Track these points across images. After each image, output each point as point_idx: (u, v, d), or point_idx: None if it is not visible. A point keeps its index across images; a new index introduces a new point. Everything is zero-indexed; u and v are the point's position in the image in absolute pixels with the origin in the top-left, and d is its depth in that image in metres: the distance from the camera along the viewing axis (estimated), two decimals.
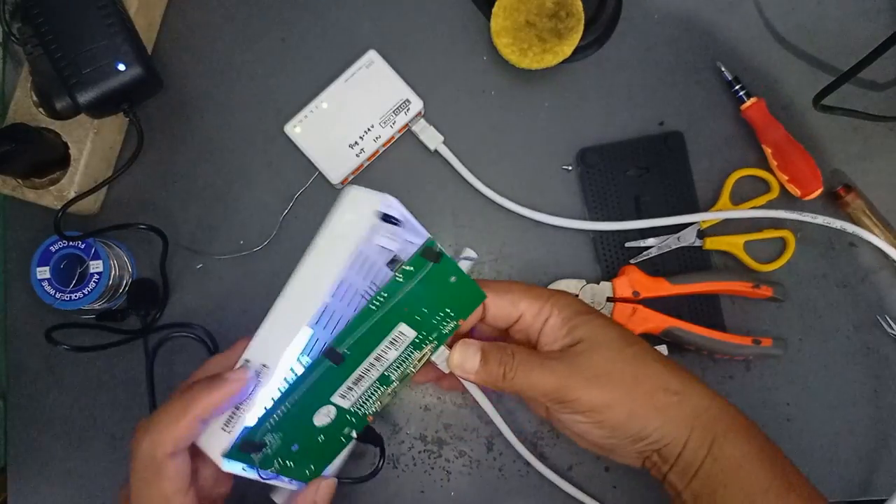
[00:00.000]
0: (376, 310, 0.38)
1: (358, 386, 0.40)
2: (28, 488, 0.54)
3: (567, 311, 0.42)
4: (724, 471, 0.39)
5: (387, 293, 0.38)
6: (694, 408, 0.40)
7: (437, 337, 0.41)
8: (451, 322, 0.41)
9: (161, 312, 0.54)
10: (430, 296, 0.40)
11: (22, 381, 0.55)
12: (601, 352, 0.40)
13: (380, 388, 0.41)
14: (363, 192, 0.40)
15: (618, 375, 0.40)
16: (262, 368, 0.38)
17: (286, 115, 0.54)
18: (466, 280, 0.41)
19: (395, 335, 0.40)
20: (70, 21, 0.46)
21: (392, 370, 0.41)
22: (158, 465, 0.37)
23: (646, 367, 0.41)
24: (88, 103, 0.47)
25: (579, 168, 0.54)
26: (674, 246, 0.52)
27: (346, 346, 0.38)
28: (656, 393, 0.40)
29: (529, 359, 0.40)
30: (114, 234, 0.54)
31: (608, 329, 0.41)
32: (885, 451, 0.52)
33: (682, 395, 0.40)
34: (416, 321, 0.40)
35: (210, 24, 0.57)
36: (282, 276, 0.53)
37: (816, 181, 0.51)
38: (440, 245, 0.40)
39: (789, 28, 0.55)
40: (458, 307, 0.41)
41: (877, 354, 0.53)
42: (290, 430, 0.38)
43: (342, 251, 0.39)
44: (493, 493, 0.52)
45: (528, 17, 0.51)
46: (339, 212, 0.40)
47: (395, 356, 0.40)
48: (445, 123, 0.54)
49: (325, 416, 0.40)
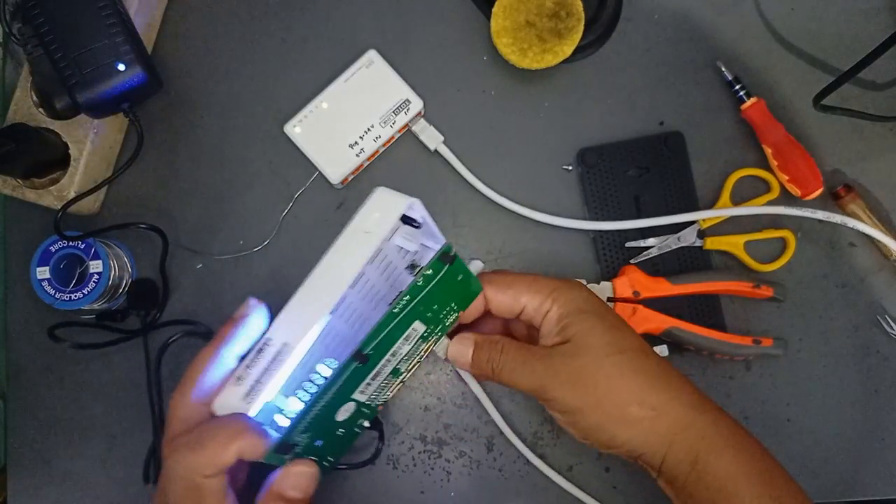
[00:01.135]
0: (399, 312, 0.40)
1: (375, 381, 0.42)
2: (28, 488, 0.54)
3: (566, 307, 0.42)
4: (710, 489, 0.39)
5: (409, 296, 0.40)
6: (671, 426, 0.40)
7: (441, 329, 0.44)
8: (453, 314, 0.44)
9: (161, 312, 0.54)
10: (441, 294, 0.42)
11: (22, 381, 0.55)
12: (582, 356, 0.41)
13: (392, 381, 0.44)
14: (391, 194, 0.42)
15: (591, 383, 0.40)
16: (284, 347, 0.40)
17: (286, 115, 0.54)
18: (470, 276, 0.43)
19: (409, 332, 0.42)
20: (70, 21, 0.46)
21: (403, 363, 0.43)
22: (199, 484, 0.38)
23: (621, 379, 0.40)
24: (88, 103, 0.47)
25: (579, 168, 0.54)
26: (674, 246, 0.52)
27: (370, 348, 0.40)
28: (629, 406, 0.40)
29: (516, 356, 0.42)
30: (114, 234, 0.54)
31: (597, 334, 0.41)
32: (885, 450, 0.52)
33: (659, 411, 0.40)
34: (427, 318, 0.42)
35: (210, 24, 0.57)
36: (282, 276, 0.54)
37: (816, 181, 0.51)
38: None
39: (789, 28, 0.55)
40: (461, 300, 0.44)
41: (877, 354, 0.53)
42: (317, 428, 0.41)
43: (366, 246, 0.40)
44: (493, 494, 0.52)
45: (528, 17, 0.52)
46: (367, 209, 0.42)
47: (407, 350, 0.43)
48: (445, 123, 0.54)
49: (345, 412, 0.42)
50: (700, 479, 0.39)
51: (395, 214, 0.41)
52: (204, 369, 0.40)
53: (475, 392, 0.52)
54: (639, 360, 0.41)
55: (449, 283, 0.42)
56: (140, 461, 0.53)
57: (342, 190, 0.55)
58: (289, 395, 0.42)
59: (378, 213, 0.42)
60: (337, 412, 0.41)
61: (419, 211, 0.42)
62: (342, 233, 0.42)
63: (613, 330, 0.42)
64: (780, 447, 0.51)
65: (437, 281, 0.41)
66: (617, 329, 0.42)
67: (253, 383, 0.40)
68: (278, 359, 0.40)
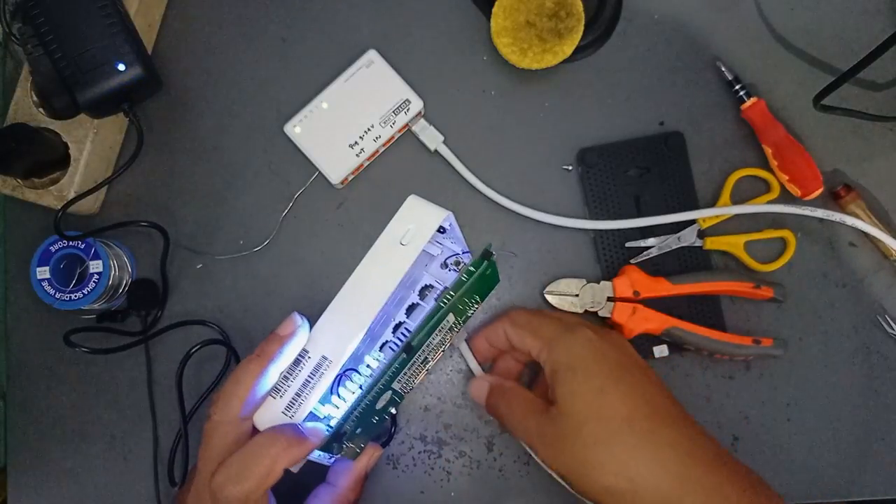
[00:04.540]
0: (444, 307, 0.42)
1: (410, 370, 0.45)
2: (28, 488, 0.54)
3: (557, 363, 0.42)
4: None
5: (454, 291, 0.43)
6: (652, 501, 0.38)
7: (464, 319, 0.47)
8: (474, 305, 0.47)
9: (161, 312, 0.54)
10: (474, 288, 0.45)
11: (22, 381, 0.55)
12: (563, 423, 0.40)
13: (421, 369, 0.47)
14: (425, 205, 0.43)
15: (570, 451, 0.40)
16: (323, 360, 0.41)
17: (286, 115, 0.54)
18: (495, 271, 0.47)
19: (443, 323, 0.44)
20: (70, 21, 0.46)
21: (432, 352, 0.46)
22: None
23: (595, 448, 0.39)
24: (88, 103, 0.47)
25: (579, 168, 0.54)
26: (674, 246, 0.52)
27: (417, 340, 0.42)
28: (604, 476, 0.38)
29: (516, 409, 0.43)
30: (114, 234, 0.54)
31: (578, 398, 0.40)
32: (885, 450, 0.52)
33: (637, 484, 0.38)
34: (458, 310, 0.45)
35: (210, 24, 0.57)
36: (282, 276, 0.54)
37: (816, 181, 0.51)
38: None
39: (789, 28, 0.55)
40: (483, 292, 0.48)
41: (877, 354, 0.53)
42: (362, 417, 0.43)
43: (403, 260, 0.42)
44: (493, 494, 0.52)
45: (528, 17, 0.51)
46: (401, 219, 0.43)
47: (438, 340, 0.46)
48: (445, 123, 0.54)
49: (383, 400, 0.44)
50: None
51: (431, 228, 0.42)
52: (247, 385, 0.41)
53: None
54: (621, 427, 0.39)
55: (482, 278, 0.45)
56: (140, 460, 0.53)
57: (342, 190, 0.55)
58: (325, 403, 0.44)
59: (413, 224, 0.43)
60: (378, 401, 0.43)
61: (452, 223, 0.45)
62: (377, 241, 0.43)
63: (599, 394, 0.40)
64: (780, 447, 0.52)
65: (477, 277, 0.44)
66: (603, 393, 0.40)
67: (294, 396, 0.41)
68: (318, 372, 0.41)
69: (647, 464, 0.38)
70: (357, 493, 0.46)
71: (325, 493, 0.45)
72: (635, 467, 0.38)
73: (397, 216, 0.43)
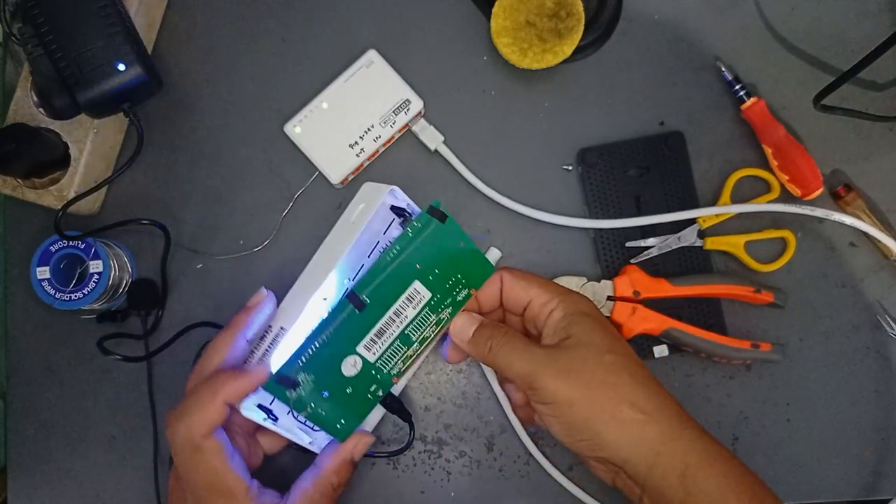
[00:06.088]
0: (391, 260, 0.43)
1: (381, 340, 0.44)
2: (28, 488, 0.54)
3: (570, 308, 0.43)
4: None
5: (399, 246, 0.43)
6: (661, 433, 0.39)
7: (452, 304, 0.46)
8: (463, 290, 0.46)
9: (161, 312, 0.54)
10: (440, 256, 0.45)
11: (22, 381, 0.55)
12: (580, 350, 0.41)
13: (402, 348, 0.45)
14: (372, 185, 0.47)
15: (587, 375, 0.40)
16: (280, 331, 0.45)
17: (286, 115, 0.54)
18: (475, 250, 0.46)
19: (411, 292, 0.44)
20: (70, 21, 0.46)
21: (412, 330, 0.45)
22: (198, 446, 0.41)
23: (617, 377, 0.40)
24: (88, 103, 0.47)
25: (580, 168, 0.54)
26: (674, 246, 0.52)
27: (366, 292, 0.43)
28: (621, 405, 0.39)
29: (516, 341, 0.42)
30: (115, 233, 0.54)
31: (597, 333, 0.42)
32: (885, 451, 0.52)
33: (649, 416, 0.39)
34: (430, 281, 0.44)
35: (210, 24, 0.57)
36: (282, 275, 0.54)
37: (816, 181, 0.51)
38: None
39: (789, 28, 0.55)
40: (470, 276, 0.46)
41: (877, 354, 0.53)
42: (321, 373, 0.43)
43: (352, 234, 0.45)
44: (493, 494, 0.52)
45: (528, 17, 0.51)
46: (354, 203, 0.47)
47: (414, 315, 0.45)
48: (445, 123, 0.54)
49: (351, 367, 0.44)
50: (689, 496, 0.38)
51: (376, 202, 0.44)
52: (222, 353, 0.43)
53: (488, 378, 0.52)
54: (634, 365, 0.42)
55: (446, 245, 0.44)
56: (140, 461, 0.53)
57: (342, 190, 0.55)
58: None
59: (363, 203, 0.46)
60: (342, 363, 0.43)
61: (402, 198, 0.46)
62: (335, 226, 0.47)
63: (613, 336, 0.43)
64: (780, 447, 0.52)
65: (430, 237, 0.44)
66: (616, 337, 0.43)
67: (256, 362, 0.45)
68: (276, 341, 0.45)
69: (656, 399, 0.40)
70: (342, 478, 0.45)
71: (308, 474, 0.45)
72: (648, 401, 0.40)
73: (353, 201, 0.46)
